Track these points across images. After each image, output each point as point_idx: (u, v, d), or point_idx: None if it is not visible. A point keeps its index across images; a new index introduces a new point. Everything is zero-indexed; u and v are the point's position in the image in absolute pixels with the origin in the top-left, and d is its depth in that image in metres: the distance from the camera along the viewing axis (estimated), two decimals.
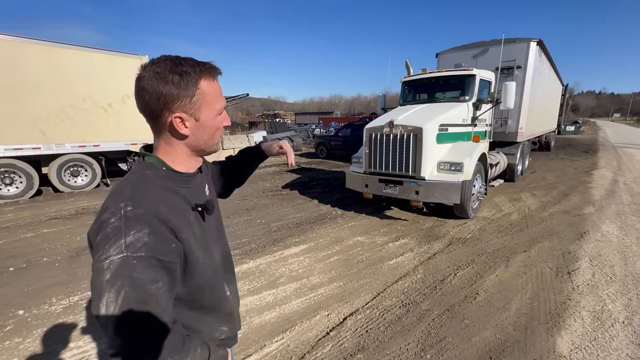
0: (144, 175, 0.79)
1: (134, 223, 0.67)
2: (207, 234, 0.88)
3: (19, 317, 2.83)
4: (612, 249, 3.98)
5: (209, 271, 0.87)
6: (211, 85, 0.80)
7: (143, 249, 0.66)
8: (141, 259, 0.65)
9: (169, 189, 0.81)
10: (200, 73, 0.77)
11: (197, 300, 0.86)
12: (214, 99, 0.81)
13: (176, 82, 0.74)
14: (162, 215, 0.72)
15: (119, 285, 0.63)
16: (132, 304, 0.63)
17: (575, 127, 30.33)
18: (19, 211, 6.20)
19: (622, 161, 11.93)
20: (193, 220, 0.83)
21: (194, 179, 0.91)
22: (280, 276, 3.53)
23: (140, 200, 0.72)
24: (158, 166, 0.82)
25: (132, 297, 0.63)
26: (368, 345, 2.40)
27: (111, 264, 0.63)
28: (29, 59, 6.69)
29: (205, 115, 0.81)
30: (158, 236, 0.70)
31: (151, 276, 0.66)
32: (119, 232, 0.66)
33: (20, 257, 4.07)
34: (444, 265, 3.70)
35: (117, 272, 0.63)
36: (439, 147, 5.16)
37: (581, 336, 2.40)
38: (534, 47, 7.22)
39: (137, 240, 0.66)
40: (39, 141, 6.98)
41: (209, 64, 0.81)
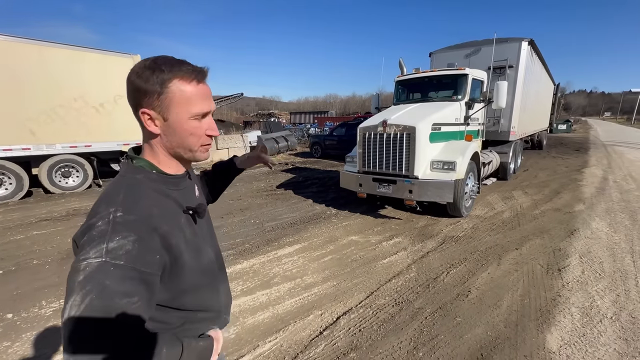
0: (135, 179, 0.79)
1: (122, 229, 0.67)
2: (198, 236, 0.88)
3: (7, 320, 2.79)
4: (601, 246, 4.05)
5: (197, 274, 0.86)
6: (186, 87, 0.77)
7: (123, 257, 0.64)
8: (118, 267, 0.63)
9: (161, 192, 0.80)
10: (176, 72, 0.76)
11: (181, 303, 0.85)
12: (188, 101, 0.77)
13: (145, 78, 0.74)
14: (154, 222, 0.72)
15: (87, 290, 0.61)
16: (95, 313, 0.60)
17: (567, 126, 30.74)
18: (9, 213, 6.10)
19: (612, 159, 12.12)
20: (184, 223, 0.83)
21: (184, 181, 0.91)
22: (274, 276, 3.52)
23: (132, 206, 0.71)
24: (148, 169, 0.82)
25: (96, 306, 0.60)
26: (361, 344, 2.41)
27: (87, 266, 0.62)
28: (18, 58, 6.57)
29: (175, 116, 0.78)
30: (143, 245, 0.68)
31: (124, 289, 0.63)
32: (104, 237, 0.65)
33: (9, 260, 4.00)
34: (437, 263, 3.73)
35: (89, 276, 0.62)
36: (432, 146, 5.20)
37: (570, 332, 2.44)
38: (525, 47, 7.29)
39: (119, 247, 0.65)
40: (29, 142, 6.87)
41: (192, 66, 0.79)
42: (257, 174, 10.35)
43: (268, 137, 15.57)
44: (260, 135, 15.82)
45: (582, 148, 16.42)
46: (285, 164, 12.43)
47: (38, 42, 6.86)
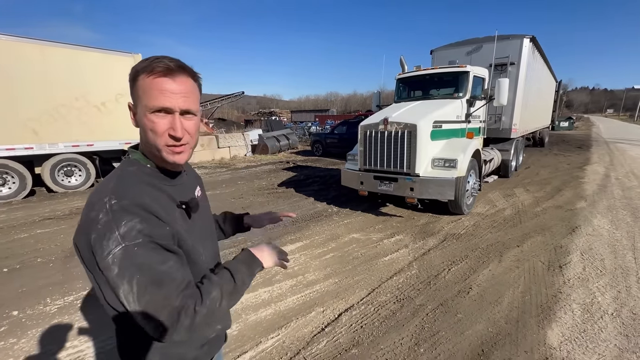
0: (127, 171, 0.81)
1: (122, 214, 0.69)
2: (193, 234, 0.87)
3: (13, 317, 2.82)
4: (602, 243, 4.05)
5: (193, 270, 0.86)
6: (150, 81, 0.75)
7: (139, 236, 0.68)
8: (140, 245, 0.67)
9: (153, 185, 0.81)
10: (145, 65, 0.76)
11: None
12: (147, 94, 0.76)
13: (132, 71, 0.79)
14: (147, 206, 0.73)
15: (129, 276, 0.66)
16: (149, 287, 0.66)
17: (569, 123, 30.63)
18: (12, 212, 6.14)
19: (615, 156, 12.08)
20: (178, 217, 0.83)
21: (180, 177, 0.91)
22: (275, 273, 3.54)
23: (122, 193, 0.73)
24: (143, 163, 0.83)
25: (144, 281, 0.66)
26: (363, 340, 2.43)
27: (114, 257, 0.66)
28: (19, 57, 6.60)
29: (139, 110, 0.79)
30: (150, 222, 0.71)
31: (156, 258, 0.69)
32: (111, 226, 0.67)
33: (14, 258, 4.04)
34: (438, 260, 3.74)
35: (121, 264, 0.66)
36: (433, 143, 5.20)
37: (571, 328, 2.45)
38: (527, 44, 7.26)
39: (130, 229, 0.68)
40: (32, 141, 6.91)
41: (163, 61, 0.76)
42: (258, 172, 10.38)
43: (269, 136, 15.61)
44: (261, 134, 15.85)
45: (584, 145, 16.36)
46: (286, 162, 12.45)
47: (39, 41, 6.88)
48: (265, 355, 2.31)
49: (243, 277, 0.85)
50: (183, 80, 0.78)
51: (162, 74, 0.75)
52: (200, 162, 12.59)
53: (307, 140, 19.87)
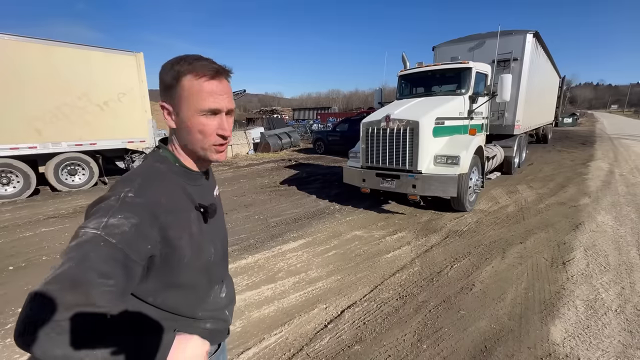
0: (156, 167, 0.82)
1: (127, 209, 0.68)
2: (205, 235, 0.87)
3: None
4: (606, 239, 4.03)
5: (194, 272, 0.85)
6: (198, 83, 0.77)
7: (117, 237, 0.64)
8: (109, 246, 0.63)
9: (178, 184, 0.82)
10: (191, 68, 0.77)
11: (165, 300, 0.82)
12: (197, 97, 0.77)
13: (165, 72, 0.79)
14: (158, 210, 0.73)
15: (70, 257, 0.61)
16: (65, 281, 0.58)
17: (572, 119, 30.41)
18: (17, 210, 6.19)
19: (619, 152, 11.99)
20: (193, 218, 0.83)
21: (202, 178, 0.92)
22: (278, 271, 3.56)
23: (143, 190, 0.73)
24: (171, 161, 0.84)
25: (68, 275, 0.58)
26: (365, 336, 2.44)
27: (84, 234, 0.64)
28: (23, 57, 6.62)
29: (184, 111, 0.79)
30: (140, 231, 0.68)
31: (104, 269, 0.61)
32: (108, 211, 0.67)
33: (19, 256, 4.08)
34: (441, 257, 3.74)
35: (80, 244, 0.62)
36: (436, 140, 5.18)
37: (575, 324, 2.45)
38: (530, 39, 7.20)
39: (118, 225, 0.65)
40: (35, 140, 6.95)
41: (209, 63, 0.79)
42: (260, 170, 10.39)
43: (271, 134, 15.61)
44: (263, 132, 15.86)
45: (588, 141, 16.24)
46: (288, 160, 12.45)
47: (42, 41, 6.90)
48: (269, 352, 2.33)
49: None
50: (225, 81, 0.82)
51: (211, 77, 0.78)
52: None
53: (309, 138, 19.86)
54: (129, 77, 8.13)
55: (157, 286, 0.79)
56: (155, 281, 0.77)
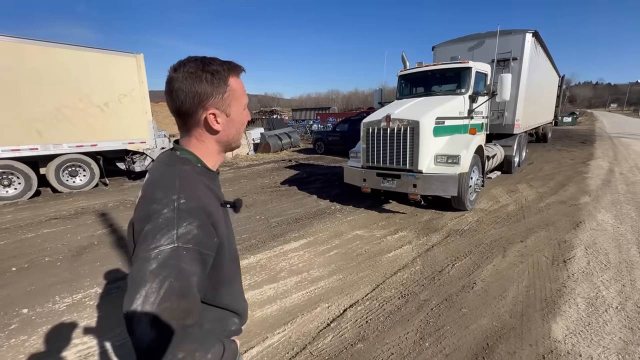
0: (185, 170, 0.81)
1: (187, 215, 0.70)
2: (230, 229, 0.93)
3: (23, 315, 2.87)
4: (607, 237, 4.05)
5: (231, 265, 0.91)
6: (238, 82, 0.85)
7: (192, 242, 0.69)
8: (189, 251, 0.68)
9: (205, 184, 0.84)
10: (229, 71, 0.82)
11: (217, 296, 0.89)
12: (241, 95, 0.86)
13: (209, 80, 0.78)
14: (208, 209, 0.76)
15: (164, 276, 0.63)
16: (174, 295, 0.63)
17: (572, 118, 30.45)
18: (19, 212, 6.21)
19: (619, 151, 12.01)
20: (222, 215, 0.87)
21: (217, 177, 0.95)
22: (280, 270, 3.57)
23: (191, 194, 0.75)
24: (194, 162, 0.85)
25: (175, 288, 0.64)
26: (368, 335, 2.45)
27: (160, 253, 0.65)
28: (23, 59, 6.64)
29: (234, 110, 0.85)
30: (205, 230, 0.73)
31: (194, 269, 0.69)
32: (172, 223, 0.68)
33: (21, 257, 4.09)
34: (442, 256, 3.75)
35: (164, 262, 0.64)
36: (436, 140, 5.19)
37: (576, 322, 2.46)
38: (529, 39, 7.23)
39: (188, 232, 0.68)
40: (36, 142, 6.96)
41: (234, 62, 0.85)
42: (261, 170, 10.41)
43: (271, 134, 15.62)
44: (263, 133, 15.87)
45: (587, 140, 16.27)
46: (288, 161, 12.47)
47: (43, 42, 6.92)
48: (272, 351, 2.34)
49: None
50: None
51: (240, 73, 0.87)
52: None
53: (309, 138, 19.87)
54: (130, 78, 8.14)
55: (212, 283, 0.84)
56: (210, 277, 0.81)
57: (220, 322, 0.93)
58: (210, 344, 0.75)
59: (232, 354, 0.86)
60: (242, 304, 1.02)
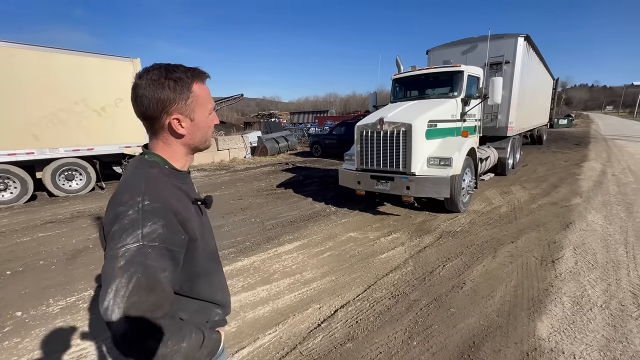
0: (151, 172, 0.86)
1: (151, 216, 0.75)
2: (204, 225, 0.98)
3: (17, 318, 2.89)
4: (596, 238, 4.11)
5: (206, 259, 0.95)
6: (202, 88, 0.89)
7: (157, 240, 0.73)
8: (155, 249, 0.72)
9: (174, 185, 0.88)
10: (193, 77, 0.86)
11: (194, 288, 0.93)
12: (206, 100, 0.90)
13: (172, 87, 0.83)
14: (174, 208, 0.80)
15: (132, 272, 0.68)
16: (142, 290, 0.68)
17: (567, 121, 30.69)
18: (14, 216, 6.22)
19: (612, 153, 12.13)
20: (194, 213, 0.91)
21: (188, 177, 0.99)
22: (274, 272, 3.61)
23: (155, 195, 0.79)
24: (162, 164, 0.89)
25: (142, 283, 0.69)
26: (357, 334, 2.49)
27: (126, 251, 0.70)
28: (19, 64, 6.69)
29: (199, 115, 0.89)
30: (170, 228, 0.77)
31: (161, 265, 0.73)
32: (136, 224, 0.73)
33: (16, 261, 4.11)
34: (434, 257, 3.80)
35: (131, 259, 0.69)
36: (429, 142, 5.26)
37: (560, 320, 2.51)
38: (521, 43, 7.33)
39: (152, 231, 0.73)
40: (33, 146, 6.99)
41: (198, 69, 0.89)
42: (257, 173, 10.45)
43: (268, 138, 15.69)
44: (260, 136, 15.93)
45: (582, 142, 16.41)
46: (285, 164, 12.52)
47: (39, 47, 6.97)
48: (263, 351, 2.37)
49: (203, 353, 0.86)
50: None
51: (205, 80, 0.91)
52: (200, 165, 12.67)
53: (306, 141, 19.94)
54: (126, 82, 8.17)
55: (186, 276, 0.88)
56: (183, 272, 0.86)
57: (202, 313, 0.98)
58: (186, 333, 0.80)
59: (212, 343, 0.91)
60: (222, 295, 1.06)
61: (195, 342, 0.82)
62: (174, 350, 0.74)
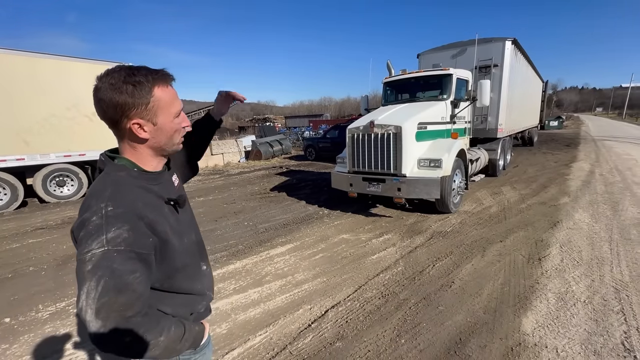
0: (119, 176, 0.87)
1: (114, 221, 0.76)
2: (181, 223, 0.99)
3: (5, 324, 2.86)
4: (581, 236, 4.20)
5: (184, 255, 0.97)
6: (165, 92, 0.87)
7: (122, 244, 0.75)
8: (120, 252, 0.74)
9: (142, 187, 0.89)
10: (154, 81, 0.84)
11: (173, 283, 0.95)
12: (169, 103, 0.89)
13: (130, 92, 0.81)
14: (139, 212, 0.81)
15: (99, 275, 0.71)
16: (111, 292, 0.71)
17: (558, 122, 31.20)
18: (4, 223, 6.15)
19: (601, 153, 12.37)
20: (167, 212, 0.93)
21: (163, 176, 1.00)
22: (265, 275, 3.62)
23: (119, 200, 0.80)
24: (130, 167, 0.90)
25: (110, 285, 0.71)
26: (347, 334, 2.52)
27: (93, 256, 0.72)
28: (10, 69, 6.65)
29: (162, 119, 0.88)
30: (136, 232, 0.78)
31: (129, 267, 0.75)
32: (100, 229, 0.75)
33: (5, 267, 4.07)
34: (424, 257, 3.85)
35: (98, 264, 0.72)
36: (419, 144, 5.34)
37: (545, 315, 2.57)
38: (509, 46, 7.49)
39: (117, 236, 0.75)
40: (23, 152, 6.93)
41: (162, 71, 0.88)
42: (251, 177, 10.45)
43: (262, 142, 15.70)
44: (254, 140, 15.94)
45: (572, 143, 16.70)
46: (279, 168, 12.54)
47: (29, 53, 6.95)
48: (253, 352, 2.39)
49: (184, 345, 0.90)
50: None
51: (171, 83, 0.90)
52: None
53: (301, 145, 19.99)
54: None
55: (164, 275, 0.91)
56: (161, 270, 0.89)
57: (186, 306, 1.01)
58: (164, 327, 0.83)
59: (194, 335, 0.95)
60: (202, 282, 1.09)
61: (175, 335, 0.86)
62: (150, 344, 0.78)
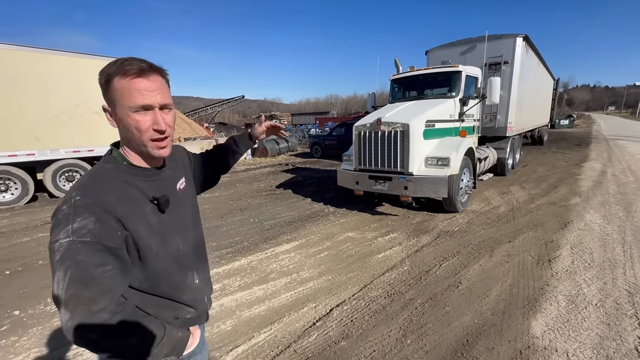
0: (104, 168, 0.87)
1: (82, 211, 0.75)
2: (166, 225, 0.93)
3: (15, 317, 2.91)
4: (593, 237, 4.10)
5: (166, 260, 0.93)
6: (126, 82, 0.81)
7: (88, 235, 0.73)
8: (85, 244, 0.73)
9: (126, 181, 0.86)
10: (116, 69, 0.81)
11: (154, 286, 0.92)
12: (126, 95, 0.81)
13: (100, 80, 0.83)
14: (109, 205, 0.78)
15: (67, 266, 0.71)
16: (77, 284, 0.71)
17: (569, 121, 30.65)
18: (15, 217, 6.26)
19: (613, 153, 12.09)
20: (149, 211, 0.88)
21: (157, 174, 0.95)
22: (270, 272, 3.62)
23: (88, 191, 0.79)
24: (119, 161, 0.89)
25: (76, 277, 0.71)
26: (352, 333, 2.50)
27: (60, 246, 0.72)
28: (21, 66, 6.74)
29: (118, 111, 0.84)
30: (103, 224, 0.76)
31: (96, 260, 0.73)
32: (68, 219, 0.74)
33: (16, 261, 4.14)
34: (431, 257, 3.80)
35: (64, 254, 0.72)
36: (426, 142, 5.27)
37: (555, 318, 2.51)
38: (520, 43, 7.34)
39: (82, 226, 0.73)
40: (33, 147, 7.03)
41: (134, 62, 0.82)
42: (257, 174, 10.47)
43: (268, 139, 15.70)
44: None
45: (583, 143, 16.37)
46: (285, 165, 12.54)
47: (39, 50, 7.03)
48: (257, 349, 2.38)
49: (161, 351, 0.86)
50: (155, 78, 0.85)
51: (137, 75, 0.81)
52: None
53: (307, 142, 19.97)
54: None
55: (144, 275, 0.88)
56: (140, 270, 0.87)
57: (168, 310, 0.97)
58: (137, 327, 0.80)
59: (174, 341, 0.91)
60: (192, 295, 1.04)
61: (150, 339, 0.83)
62: (119, 343, 0.77)
